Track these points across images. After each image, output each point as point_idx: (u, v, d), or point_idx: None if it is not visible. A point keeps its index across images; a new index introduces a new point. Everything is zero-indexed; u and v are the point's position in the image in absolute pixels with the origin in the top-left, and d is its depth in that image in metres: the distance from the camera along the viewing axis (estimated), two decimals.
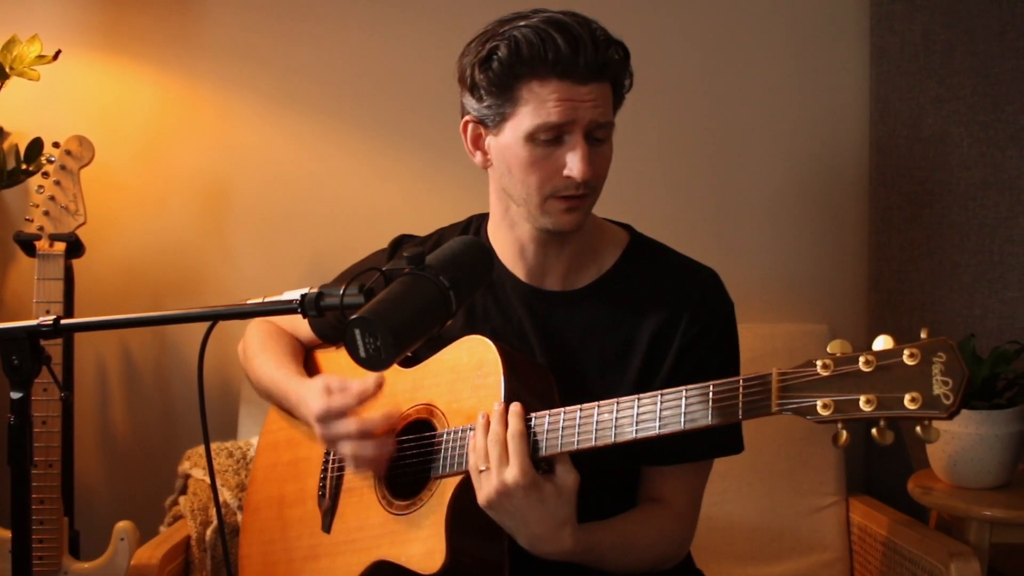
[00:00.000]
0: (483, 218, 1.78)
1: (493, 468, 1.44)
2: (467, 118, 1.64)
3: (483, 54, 1.56)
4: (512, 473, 1.42)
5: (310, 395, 1.70)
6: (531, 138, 1.55)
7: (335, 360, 1.89)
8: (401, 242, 1.85)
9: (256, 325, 1.97)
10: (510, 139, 1.57)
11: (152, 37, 2.72)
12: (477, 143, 1.64)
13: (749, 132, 2.76)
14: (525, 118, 1.54)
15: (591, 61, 1.52)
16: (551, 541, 1.46)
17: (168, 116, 2.76)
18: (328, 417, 1.65)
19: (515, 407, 1.48)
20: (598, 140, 1.58)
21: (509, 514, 1.45)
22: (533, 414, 1.48)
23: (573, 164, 1.54)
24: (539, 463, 1.46)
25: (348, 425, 1.63)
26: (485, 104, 1.58)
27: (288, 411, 1.84)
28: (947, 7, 2.59)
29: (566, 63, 1.51)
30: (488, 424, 1.48)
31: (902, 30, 2.64)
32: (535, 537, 1.46)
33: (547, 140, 1.55)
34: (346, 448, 1.64)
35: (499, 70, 1.54)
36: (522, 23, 1.54)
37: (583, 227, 1.64)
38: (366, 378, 1.66)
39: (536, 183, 1.57)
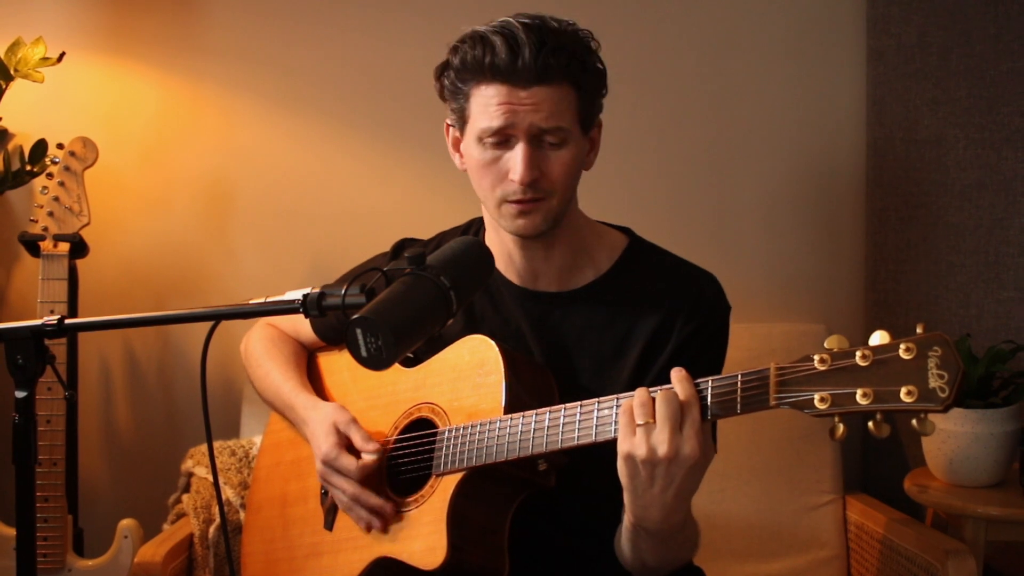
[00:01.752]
0: (483, 221, 1.79)
1: (664, 427, 1.34)
2: (447, 122, 1.68)
3: (443, 61, 1.61)
4: (691, 445, 1.34)
5: (320, 430, 1.71)
6: (480, 141, 1.58)
7: (336, 362, 1.90)
8: (403, 246, 1.85)
9: (258, 329, 1.98)
10: (469, 142, 1.61)
11: (156, 39, 2.73)
12: (456, 146, 1.68)
13: (746, 133, 2.77)
14: (475, 121, 1.58)
15: (529, 65, 1.52)
16: (670, 511, 1.40)
17: (171, 118, 2.76)
18: (331, 467, 1.67)
19: (683, 372, 1.38)
20: (551, 144, 1.57)
21: (653, 476, 1.37)
22: (705, 379, 1.38)
23: (513, 167, 1.56)
24: None
25: (345, 485, 1.66)
26: (452, 108, 1.63)
27: (290, 421, 1.86)
28: (943, 10, 2.59)
29: (505, 67, 1.53)
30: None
31: (898, 32, 2.64)
32: (660, 505, 1.39)
33: (494, 143, 1.57)
34: (340, 499, 1.68)
35: (452, 76, 1.59)
36: (482, 29, 1.57)
37: (560, 228, 1.64)
38: (371, 444, 1.67)
39: (488, 186, 1.60)
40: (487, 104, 1.56)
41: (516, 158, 1.56)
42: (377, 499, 1.63)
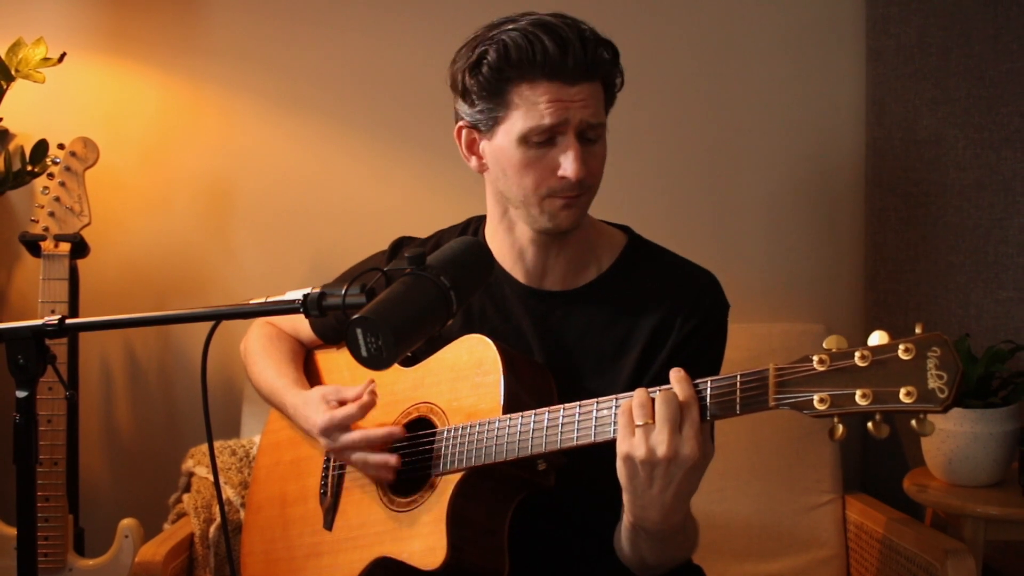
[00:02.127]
0: (481, 220, 1.79)
1: (663, 428, 1.35)
2: (460, 123, 1.65)
3: (473, 59, 1.57)
4: (690, 445, 1.34)
5: (310, 408, 1.73)
6: (524, 140, 1.56)
7: (335, 360, 1.90)
8: (401, 244, 1.86)
9: (258, 327, 1.98)
10: (503, 142, 1.59)
11: (156, 40, 2.74)
12: (472, 148, 1.66)
13: (746, 133, 2.78)
14: (517, 121, 1.56)
15: (579, 61, 1.53)
16: (669, 511, 1.40)
17: (172, 118, 2.77)
18: (331, 430, 1.67)
19: (682, 372, 1.39)
20: (590, 140, 1.58)
21: (653, 477, 1.37)
22: (704, 380, 1.39)
23: (567, 165, 1.56)
24: None
25: (353, 436, 1.66)
26: (477, 109, 1.60)
27: (288, 417, 1.86)
28: (942, 10, 2.59)
29: (555, 64, 1.53)
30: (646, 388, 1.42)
31: (898, 33, 2.65)
32: (660, 505, 1.40)
33: (540, 142, 1.56)
34: (355, 457, 1.67)
35: (489, 74, 1.56)
36: (510, 26, 1.55)
37: (581, 225, 1.65)
38: (360, 386, 1.69)
39: (532, 184, 1.59)
40: (535, 102, 1.54)
41: (568, 155, 1.56)
42: (382, 431, 1.64)
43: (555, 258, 1.70)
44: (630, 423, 1.38)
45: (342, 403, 1.70)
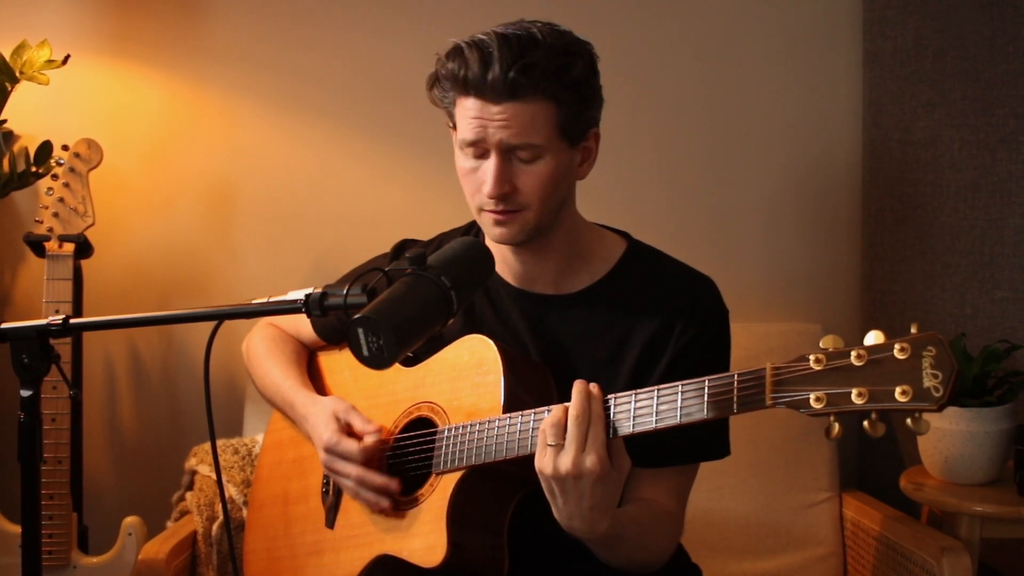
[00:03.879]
0: None
1: (570, 447, 1.40)
2: (449, 124, 1.69)
3: (433, 71, 1.63)
4: (591, 460, 1.39)
5: (320, 421, 1.73)
6: (462, 150, 1.61)
7: (336, 361, 1.91)
8: (404, 246, 1.86)
9: (260, 329, 1.99)
10: (456, 151, 1.64)
11: (159, 42, 2.74)
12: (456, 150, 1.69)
13: (744, 135, 2.78)
14: (458, 131, 1.61)
15: (499, 80, 1.53)
16: (591, 522, 1.44)
17: (175, 120, 2.78)
18: (332, 453, 1.69)
19: (594, 388, 1.44)
20: (523, 159, 1.58)
21: (566, 492, 1.42)
22: (611, 396, 1.45)
23: (485, 180, 1.58)
24: None
25: (349, 469, 1.67)
26: (447, 115, 1.65)
27: (291, 419, 1.87)
28: (938, 13, 2.59)
29: (476, 82, 1.54)
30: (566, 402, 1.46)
31: (894, 35, 2.65)
32: (580, 516, 1.43)
33: (473, 154, 1.60)
34: (345, 484, 1.69)
35: (438, 87, 1.62)
36: (460, 41, 1.58)
37: (534, 241, 1.65)
38: (370, 426, 1.69)
39: (468, 194, 1.63)
40: (464, 116, 1.58)
41: (488, 172, 1.58)
42: (381, 477, 1.65)
43: (536, 264, 1.71)
44: (544, 441, 1.43)
45: (349, 426, 1.71)
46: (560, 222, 1.67)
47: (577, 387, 1.44)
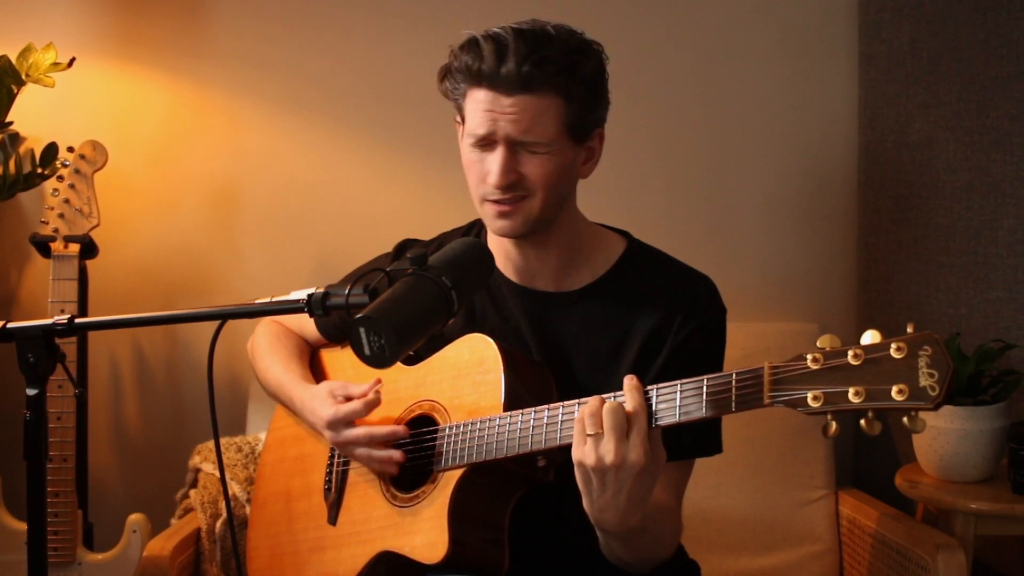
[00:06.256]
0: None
1: (610, 437, 1.38)
2: (456, 119, 1.71)
3: (446, 63, 1.64)
4: (636, 453, 1.37)
5: (317, 402, 1.75)
6: (469, 143, 1.63)
7: (339, 359, 1.92)
8: (406, 246, 1.87)
9: (264, 325, 2.01)
10: (463, 143, 1.66)
11: (164, 45, 2.75)
12: (461, 143, 1.71)
13: (741, 137, 2.79)
14: (467, 124, 1.63)
15: (513, 73, 1.54)
16: (624, 514, 1.42)
17: (179, 121, 2.78)
18: (337, 424, 1.70)
19: (635, 380, 1.42)
20: (531, 151, 1.60)
21: (605, 483, 1.40)
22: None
23: (491, 170, 1.60)
24: None
25: (357, 432, 1.69)
26: (456, 107, 1.67)
27: (294, 413, 1.89)
28: (934, 16, 2.59)
29: (490, 74, 1.56)
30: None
31: (890, 38, 2.66)
32: (614, 508, 1.42)
33: (480, 146, 1.61)
34: (358, 452, 1.70)
35: (449, 78, 1.63)
36: (476, 34, 1.60)
37: (537, 234, 1.67)
38: (366, 383, 1.71)
39: (472, 184, 1.65)
40: (475, 109, 1.60)
41: (494, 162, 1.59)
42: (387, 428, 1.67)
43: (538, 260, 1.72)
44: (582, 431, 1.41)
45: (348, 398, 1.73)
46: (561, 218, 1.69)
47: (625, 381, 1.42)
